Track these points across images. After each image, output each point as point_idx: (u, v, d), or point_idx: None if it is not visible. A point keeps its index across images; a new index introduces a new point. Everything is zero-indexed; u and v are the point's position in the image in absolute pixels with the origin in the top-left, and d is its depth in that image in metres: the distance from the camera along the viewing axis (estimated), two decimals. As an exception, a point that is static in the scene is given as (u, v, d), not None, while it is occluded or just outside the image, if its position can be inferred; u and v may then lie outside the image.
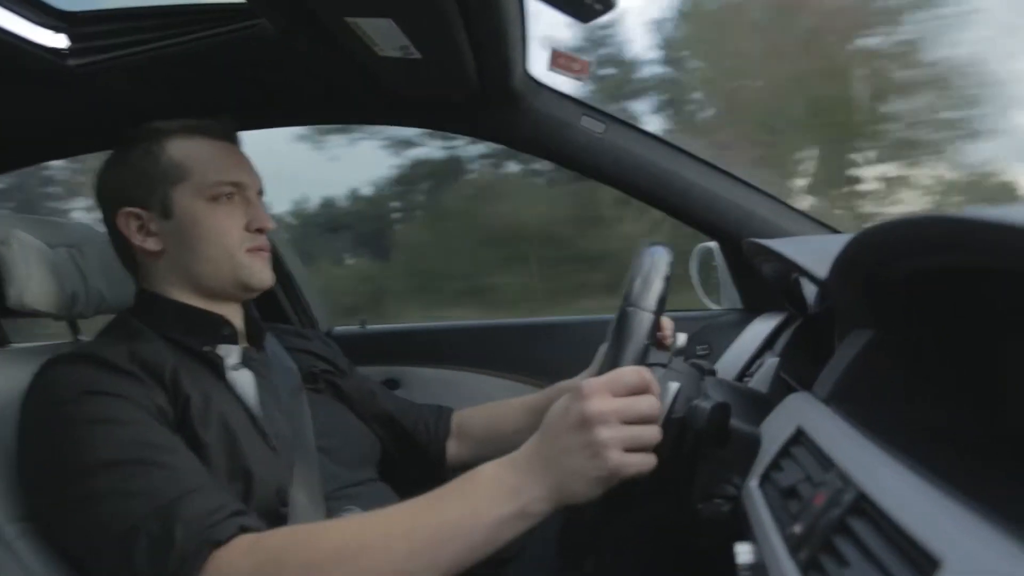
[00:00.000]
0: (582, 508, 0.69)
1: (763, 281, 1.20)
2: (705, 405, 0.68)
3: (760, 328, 1.30)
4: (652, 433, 0.62)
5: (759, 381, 1.10)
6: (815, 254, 0.78)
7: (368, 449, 1.02)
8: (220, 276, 0.91)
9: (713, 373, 0.85)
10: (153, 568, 0.63)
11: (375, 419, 1.09)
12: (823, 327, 0.89)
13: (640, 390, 0.63)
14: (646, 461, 0.62)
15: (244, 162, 0.96)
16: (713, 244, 1.47)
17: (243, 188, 0.93)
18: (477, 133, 1.41)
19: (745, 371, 1.24)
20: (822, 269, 0.71)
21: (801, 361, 0.94)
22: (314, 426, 0.91)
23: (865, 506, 0.43)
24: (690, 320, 1.46)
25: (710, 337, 1.41)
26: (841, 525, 0.44)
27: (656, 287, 0.71)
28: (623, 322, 0.69)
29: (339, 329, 1.80)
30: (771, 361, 1.12)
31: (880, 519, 0.41)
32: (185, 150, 0.90)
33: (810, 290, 1.09)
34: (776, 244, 0.88)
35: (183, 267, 0.90)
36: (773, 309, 1.35)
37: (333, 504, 0.85)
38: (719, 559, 0.62)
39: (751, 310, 1.43)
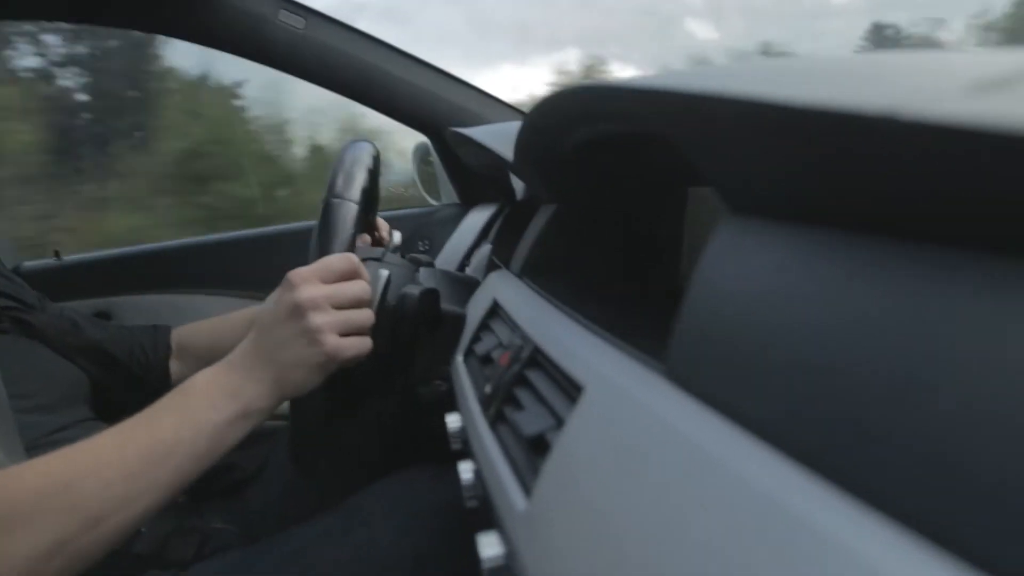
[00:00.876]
0: (308, 410, 0.68)
1: (475, 173, 1.24)
2: (414, 291, 0.70)
3: (476, 219, 1.35)
4: (365, 316, 0.63)
5: (475, 269, 1.16)
6: (508, 139, 0.82)
7: (73, 388, 0.89)
8: None
9: (430, 265, 0.88)
10: None
11: (80, 352, 0.95)
12: (529, 211, 0.95)
13: (349, 275, 0.63)
14: (362, 344, 0.63)
15: None
16: (428, 140, 1.48)
17: None
18: (161, 30, 1.23)
19: (464, 262, 1.30)
20: (511, 152, 0.75)
21: (510, 245, 1.01)
22: (1, 372, 0.78)
23: (538, 357, 0.48)
24: (410, 218, 1.47)
25: (430, 232, 1.44)
26: (520, 378, 0.48)
27: (359, 178, 0.71)
28: (327, 214, 0.68)
29: (29, 264, 1.54)
30: (485, 249, 1.18)
31: (547, 365, 0.46)
32: None
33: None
34: (473, 132, 0.91)
35: None
36: (488, 200, 1.41)
37: (38, 454, 0.74)
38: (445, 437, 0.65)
39: (468, 203, 1.48)
